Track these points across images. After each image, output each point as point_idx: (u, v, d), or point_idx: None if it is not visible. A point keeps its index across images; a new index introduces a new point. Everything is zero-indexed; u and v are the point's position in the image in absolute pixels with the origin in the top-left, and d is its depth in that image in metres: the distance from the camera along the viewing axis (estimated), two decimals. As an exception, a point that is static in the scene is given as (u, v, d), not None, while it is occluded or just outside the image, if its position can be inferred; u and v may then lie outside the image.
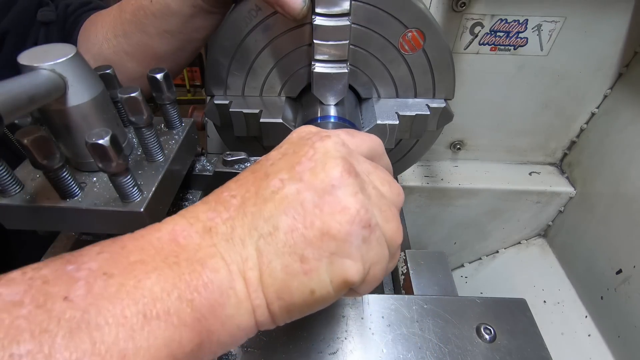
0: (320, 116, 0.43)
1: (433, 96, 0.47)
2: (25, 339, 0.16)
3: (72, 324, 0.17)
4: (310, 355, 0.35)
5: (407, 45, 0.42)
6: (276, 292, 0.21)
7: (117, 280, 0.18)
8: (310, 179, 0.22)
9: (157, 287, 0.19)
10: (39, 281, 0.18)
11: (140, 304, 0.18)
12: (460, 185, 0.76)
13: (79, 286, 0.18)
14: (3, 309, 0.16)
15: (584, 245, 0.72)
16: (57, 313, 0.17)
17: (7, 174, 0.32)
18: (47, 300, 0.17)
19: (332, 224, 0.21)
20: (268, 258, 0.21)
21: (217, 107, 0.46)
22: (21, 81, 0.27)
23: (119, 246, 0.20)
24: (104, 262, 0.19)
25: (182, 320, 0.19)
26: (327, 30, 0.38)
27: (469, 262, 0.92)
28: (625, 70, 0.65)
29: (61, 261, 0.19)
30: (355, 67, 0.44)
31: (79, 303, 0.17)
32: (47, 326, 0.16)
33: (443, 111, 0.47)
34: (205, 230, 0.22)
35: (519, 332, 0.37)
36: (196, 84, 2.77)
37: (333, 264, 0.21)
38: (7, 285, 0.17)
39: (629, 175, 0.63)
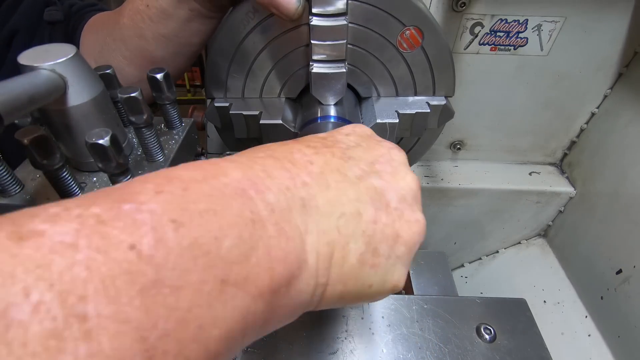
0: (320, 116, 0.43)
1: (433, 94, 0.46)
2: (89, 293, 0.12)
3: (145, 282, 0.13)
4: (310, 355, 0.35)
5: (405, 44, 0.42)
6: (341, 275, 0.20)
7: (189, 232, 0.15)
8: (391, 181, 0.23)
9: (235, 250, 0.16)
10: (91, 220, 0.14)
11: (219, 267, 0.15)
12: (460, 185, 0.76)
13: (145, 233, 0.14)
14: (52, 250, 0.12)
15: (584, 245, 0.72)
16: (124, 265, 0.13)
17: (7, 174, 0.32)
18: (109, 247, 0.13)
19: (406, 231, 0.22)
20: (346, 239, 0.20)
21: (217, 109, 0.46)
22: (21, 81, 0.27)
23: (179, 187, 0.17)
24: (168, 206, 0.16)
25: (260, 290, 0.16)
26: (324, 30, 0.38)
27: (469, 262, 0.91)
28: (625, 70, 0.65)
29: (111, 198, 0.15)
30: (354, 66, 0.44)
31: (150, 255, 0.14)
32: (114, 281, 0.13)
33: (443, 109, 0.46)
34: (280, 189, 0.19)
35: (519, 332, 0.37)
36: (196, 84, 2.77)
37: (395, 266, 0.22)
38: (52, 221, 0.13)
39: (629, 175, 0.63)
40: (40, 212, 0.14)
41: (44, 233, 0.13)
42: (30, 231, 0.13)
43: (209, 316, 0.15)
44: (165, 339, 0.13)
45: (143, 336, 0.13)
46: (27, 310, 0.11)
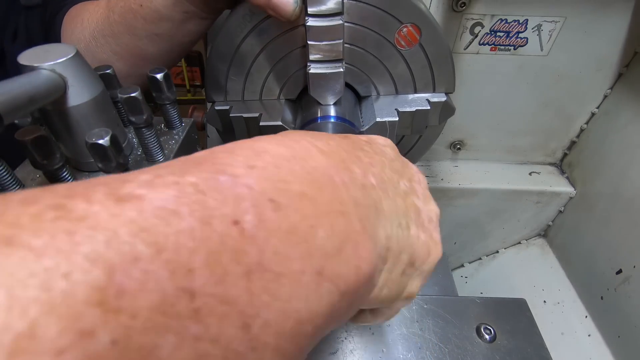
0: (320, 116, 0.43)
1: (433, 90, 0.46)
2: (195, 265, 0.11)
3: (249, 263, 0.12)
4: (311, 355, 0.35)
5: (403, 41, 0.42)
6: (388, 281, 0.20)
7: (288, 216, 0.14)
8: (423, 203, 0.24)
9: (329, 242, 0.15)
10: (190, 188, 0.12)
11: (315, 258, 0.14)
12: (460, 185, 0.76)
13: (246, 210, 0.13)
14: (156, 214, 0.11)
15: (584, 245, 0.72)
16: (229, 241, 0.12)
17: (7, 174, 0.32)
18: (213, 219, 0.12)
19: (435, 251, 0.24)
20: (400, 248, 0.20)
21: (217, 112, 0.46)
22: (21, 81, 0.27)
23: (271, 163, 0.15)
24: (264, 182, 0.14)
25: (347, 287, 0.15)
26: (320, 30, 0.38)
27: (469, 262, 0.91)
28: (625, 70, 0.65)
29: (204, 167, 0.14)
30: (352, 65, 0.44)
31: (253, 235, 0.12)
32: (220, 257, 0.11)
33: (444, 105, 0.46)
34: (360, 186, 0.18)
35: (519, 332, 0.37)
36: (196, 84, 2.77)
37: (417, 279, 0.23)
38: (149, 187, 0.12)
39: (629, 175, 0.63)
40: (132, 178, 0.12)
41: (143, 197, 0.11)
42: (128, 194, 0.11)
43: (306, 310, 0.13)
44: (267, 329, 0.12)
45: (247, 323, 0.11)
46: (136, 277, 0.10)
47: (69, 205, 0.10)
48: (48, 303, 0.08)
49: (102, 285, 0.09)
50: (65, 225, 0.10)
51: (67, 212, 0.10)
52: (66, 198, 0.10)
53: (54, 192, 0.11)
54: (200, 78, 2.74)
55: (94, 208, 0.10)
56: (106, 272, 0.09)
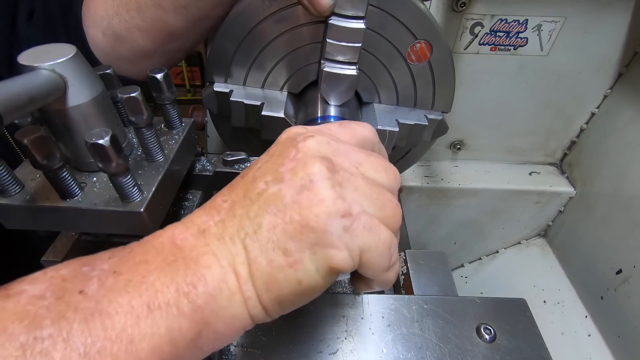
0: (321, 116, 0.43)
1: (431, 108, 0.47)
2: (46, 324, 0.18)
3: (87, 313, 0.19)
4: (310, 355, 0.35)
5: (414, 56, 0.43)
6: (265, 285, 0.23)
7: (125, 277, 0.21)
8: (290, 177, 0.24)
9: (158, 282, 0.21)
10: (58, 279, 0.21)
11: (145, 296, 0.21)
12: (460, 185, 0.76)
13: (93, 282, 0.21)
14: (28, 302, 0.19)
15: (584, 245, 0.72)
16: (74, 303, 0.20)
17: (7, 174, 0.32)
18: (65, 294, 0.20)
19: (310, 217, 0.22)
20: (254, 254, 0.23)
21: (216, 94, 0.45)
22: (21, 81, 0.27)
23: (127, 251, 0.23)
24: (114, 263, 0.22)
25: (181, 310, 0.21)
26: (342, 30, 0.38)
27: (469, 262, 0.92)
28: (625, 70, 0.65)
29: (78, 263, 0.22)
30: (362, 70, 0.44)
31: (92, 295, 0.20)
32: (65, 314, 0.19)
33: (439, 123, 0.47)
34: (200, 232, 0.24)
35: (519, 332, 0.37)
36: (196, 84, 2.77)
37: (316, 254, 0.23)
38: (32, 283, 0.20)
39: (628, 175, 0.63)
40: (26, 277, 0.21)
41: (24, 291, 0.20)
42: (15, 291, 0.20)
43: (137, 333, 0.20)
44: (103, 352, 0.19)
45: (86, 351, 0.18)
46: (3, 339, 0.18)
47: None
48: None
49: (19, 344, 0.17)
50: None
51: None
52: None
53: None
54: (200, 78, 2.74)
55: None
56: None
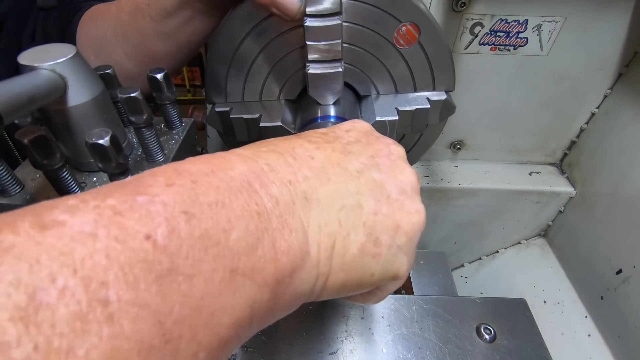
0: (320, 116, 0.43)
1: (433, 89, 0.46)
2: (111, 279, 0.13)
3: (161, 270, 0.14)
4: (310, 355, 0.35)
5: (402, 40, 0.42)
6: (342, 265, 0.21)
7: (200, 224, 0.16)
8: (390, 174, 0.24)
9: (242, 242, 0.17)
10: (108, 211, 0.14)
11: (228, 257, 0.16)
12: (460, 185, 0.76)
13: (159, 224, 0.15)
14: (74, 239, 0.13)
15: (584, 245, 0.72)
16: (141, 254, 0.14)
17: (7, 174, 0.32)
18: (127, 237, 0.14)
19: (407, 221, 0.23)
20: (347, 230, 0.21)
21: (218, 114, 0.46)
22: (21, 81, 0.27)
23: (188, 179, 0.17)
24: (179, 198, 0.16)
25: (265, 279, 0.17)
26: (319, 30, 0.38)
27: (469, 262, 0.91)
28: (625, 70, 0.65)
29: (125, 190, 0.16)
30: (352, 65, 0.44)
31: (163, 246, 0.15)
32: (132, 269, 0.13)
33: (444, 103, 0.46)
34: (283, 183, 0.20)
35: (519, 332, 0.37)
36: (196, 84, 2.77)
37: (397, 256, 0.23)
38: (71, 212, 0.14)
39: (629, 175, 0.63)
40: (59, 204, 0.14)
41: (64, 223, 0.13)
42: (52, 221, 0.13)
43: (219, 304, 0.15)
44: (180, 324, 0.14)
45: (160, 320, 0.13)
46: (53, 294, 0.11)
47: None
48: None
49: (22, 305, 0.11)
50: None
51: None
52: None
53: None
54: (200, 78, 2.74)
55: (19, 239, 0.12)
56: (27, 293, 0.11)
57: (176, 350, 0.14)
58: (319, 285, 0.21)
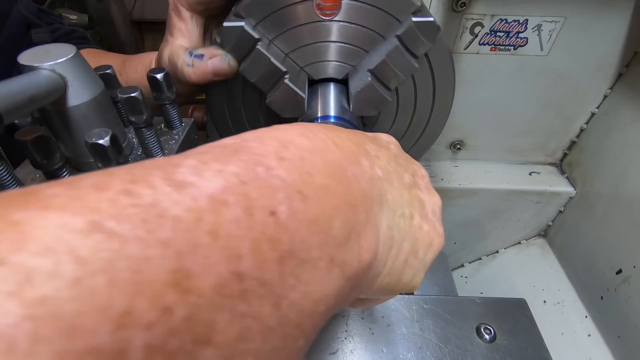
0: (321, 116, 0.43)
1: (399, 22, 0.39)
2: (245, 253, 0.12)
3: (282, 251, 0.13)
4: (310, 355, 0.35)
5: (328, 10, 0.38)
6: (392, 269, 0.21)
7: (312, 207, 0.15)
8: (427, 194, 0.25)
9: (341, 233, 0.16)
10: (234, 179, 0.13)
11: (330, 246, 0.15)
12: (460, 185, 0.76)
13: (281, 201, 0.14)
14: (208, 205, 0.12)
15: (584, 245, 0.72)
16: (268, 230, 0.13)
17: (7, 174, 0.32)
18: (254, 211, 0.13)
19: (437, 241, 0.24)
20: (402, 237, 0.21)
21: (242, 33, 0.39)
22: (21, 81, 0.27)
23: (297, 155, 0.16)
24: (292, 175, 0.15)
25: (351, 273, 0.17)
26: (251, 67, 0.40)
27: (469, 262, 0.91)
28: (625, 70, 0.65)
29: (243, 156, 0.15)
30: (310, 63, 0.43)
31: (286, 225, 0.14)
32: (260, 245, 0.13)
33: (418, 26, 0.37)
34: (367, 179, 0.19)
35: (519, 332, 0.37)
36: (196, 84, 2.76)
37: (422, 270, 0.24)
38: (198, 174, 0.13)
39: (628, 175, 0.63)
40: (180, 162, 0.13)
41: (195, 184, 0.13)
42: (182, 180, 0.12)
43: (320, 292, 0.15)
44: (292, 308, 0.13)
45: (278, 302, 0.13)
46: (199, 262, 0.11)
47: (136, 191, 0.11)
48: (138, 284, 0.10)
49: (175, 268, 0.10)
50: (140, 213, 0.11)
51: (138, 199, 0.11)
52: (132, 184, 0.12)
53: (120, 178, 0.12)
54: (200, 78, 2.74)
55: (158, 195, 0.11)
56: (177, 256, 0.11)
57: (286, 334, 0.13)
58: (370, 285, 0.21)
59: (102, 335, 0.09)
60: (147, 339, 0.09)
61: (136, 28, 1.90)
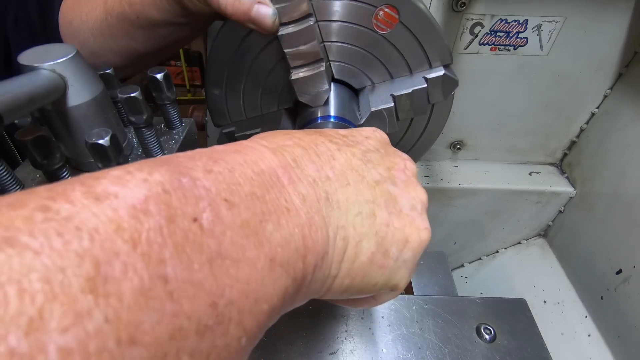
0: (321, 116, 0.43)
1: (430, 66, 0.44)
2: (167, 257, 0.13)
3: (210, 253, 0.14)
4: (310, 355, 0.35)
5: (382, 24, 0.41)
6: (350, 270, 0.22)
7: (240, 212, 0.16)
8: (404, 189, 0.24)
9: (277, 235, 0.17)
10: (157, 187, 0.14)
11: (267, 247, 0.16)
12: (460, 185, 0.76)
13: (205, 208, 0.15)
14: (129, 214, 0.13)
15: (584, 245, 0.72)
16: (191, 235, 0.14)
17: (7, 174, 0.32)
18: (176, 217, 0.14)
19: (415, 237, 0.23)
20: (360, 237, 0.21)
21: (226, 135, 0.48)
22: (21, 81, 0.27)
23: (226, 168, 0.17)
24: (219, 185, 0.16)
25: (295, 273, 0.18)
26: (293, 36, 0.38)
27: (469, 262, 0.92)
28: (625, 70, 0.65)
29: (172, 169, 0.16)
30: (339, 61, 0.43)
31: (211, 230, 0.15)
32: (185, 249, 0.13)
33: (444, 78, 0.43)
34: (309, 181, 0.20)
35: (519, 332, 0.37)
36: (196, 84, 2.77)
37: (400, 269, 0.23)
38: (121, 185, 0.14)
39: (628, 175, 0.63)
40: (104, 174, 0.14)
41: (117, 195, 0.13)
42: (103, 191, 0.13)
43: (262, 290, 0.16)
44: (230, 307, 0.14)
45: (214, 302, 0.14)
46: (117, 268, 0.12)
47: (54, 207, 0.12)
48: (51, 292, 0.10)
49: (91, 276, 0.11)
50: (55, 227, 0.11)
51: (54, 214, 0.12)
52: (49, 200, 0.12)
53: (37, 195, 0.12)
54: (200, 78, 2.74)
55: (75, 208, 0.12)
56: (94, 265, 0.11)
57: (225, 333, 0.14)
58: (326, 287, 0.21)
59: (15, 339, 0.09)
60: (63, 341, 0.10)
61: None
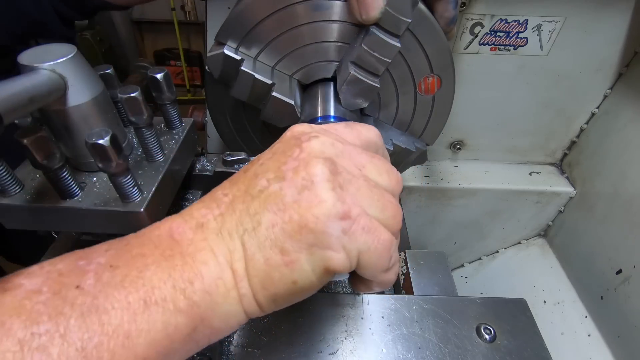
0: (322, 116, 0.43)
1: (419, 137, 0.51)
2: (43, 320, 0.19)
3: (84, 308, 0.19)
4: (310, 355, 0.35)
5: (424, 86, 0.45)
6: (260, 283, 0.23)
7: (122, 271, 0.21)
8: (292, 177, 0.24)
9: (155, 277, 0.21)
10: (55, 274, 0.21)
11: (141, 291, 0.21)
12: (460, 185, 0.76)
13: (89, 277, 0.21)
14: (25, 296, 0.19)
15: (584, 245, 0.72)
16: (70, 299, 0.20)
17: (7, 174, 0.32)
18: (62, 289, 0.20)
19: (309, 217, 0.22)
20: (251, 251, 0.23)
21: (224, 58, 0.42)
22: (21, 81, 0.27)
23: (123, 243, 0.23)
24: (110, 257, 0.22)
25: (177, 306, 0.21)
26: (379, 42, 0.39)
27: (469, 262, 0.92)
28: (625, 70, 0.65)
29: (74, 257, 0.22)
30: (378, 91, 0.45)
31: (89, 290, 0.20)
32: (62, 310, 0.19)
33: (422, 154, 0.51)
34: (198, 225, 0.24)
35: (519, 332, 0.37)
36: (196, 84, 2.77)
37: (313, 254, 0.23)
38: (29, 277, 0.20)
39: (628, 175, 0.63)
40: (23, 271, 0.21)
41: (21, 285, 0.20)
42: (13, 284, 0.20)
43: (135, 328, 0.20)
44: (100, 346, 0.19)
45: (82, 346, 0.19)
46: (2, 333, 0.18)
47: None
48: None
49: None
50: None
51: None
52: None
53: None
54: (200, 78, 2.74)
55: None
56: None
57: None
58: (249, 304, 0.23)
59: None
60: None
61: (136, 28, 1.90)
